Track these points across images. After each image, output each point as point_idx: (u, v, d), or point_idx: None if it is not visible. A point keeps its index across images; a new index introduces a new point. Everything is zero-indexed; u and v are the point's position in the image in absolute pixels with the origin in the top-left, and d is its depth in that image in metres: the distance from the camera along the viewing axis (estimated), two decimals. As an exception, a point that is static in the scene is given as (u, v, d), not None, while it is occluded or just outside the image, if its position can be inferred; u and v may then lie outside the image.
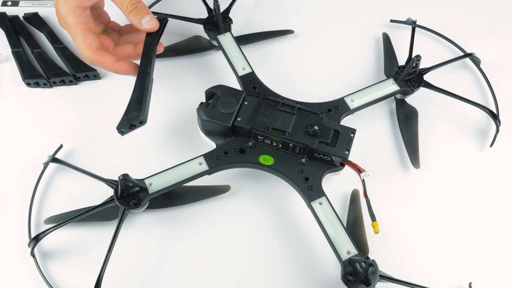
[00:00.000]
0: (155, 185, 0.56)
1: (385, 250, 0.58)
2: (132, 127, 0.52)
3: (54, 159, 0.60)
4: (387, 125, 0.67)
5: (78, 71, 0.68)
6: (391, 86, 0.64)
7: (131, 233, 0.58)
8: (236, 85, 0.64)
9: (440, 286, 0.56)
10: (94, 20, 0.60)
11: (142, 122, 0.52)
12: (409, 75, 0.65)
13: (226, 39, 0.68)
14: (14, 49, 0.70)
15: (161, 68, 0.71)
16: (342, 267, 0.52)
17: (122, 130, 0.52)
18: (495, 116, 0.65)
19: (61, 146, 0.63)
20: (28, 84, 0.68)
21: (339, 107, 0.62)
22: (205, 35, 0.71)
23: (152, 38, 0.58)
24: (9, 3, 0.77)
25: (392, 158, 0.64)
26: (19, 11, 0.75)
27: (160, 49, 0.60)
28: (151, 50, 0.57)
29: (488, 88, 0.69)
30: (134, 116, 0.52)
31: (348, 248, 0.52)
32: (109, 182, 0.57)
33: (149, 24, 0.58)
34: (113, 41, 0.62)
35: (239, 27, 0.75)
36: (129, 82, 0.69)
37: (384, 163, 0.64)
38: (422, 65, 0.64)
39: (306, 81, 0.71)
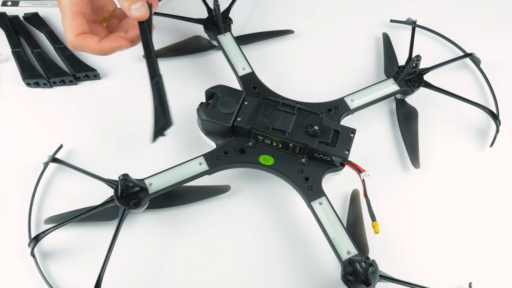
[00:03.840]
0: (155, 185, 0.56)
1: (385, 250, 0.58)
2: (163, 134, 0.54)
3: (54, 159, 0.60)
4: (387, 125, 0.67)
5: (78, 71, 0.68)
6: (391, 86, 0.64)
7: (131, 233, 0.58)
8: (236, 85, 0.64)
9: (440, 286, 0.56)
10: (96, 9, 0.58)
11: (170, 127, 0.54)
12: (409, 75, 0.65)
13: (226, 39, 0.68)
14: (14, 49, 0.70)
15: (161, 68, 0.70)
16: (342, 267, 0.52)
17: (156, 137, 0.54)
18: (495, 116, 0.65)
19: (61, 146, 0.63)
20: (28, 84, 0.68)
21: (339, 107, 0.62)
22: (205, 35, 0.71)
23: (147, 31, 0.55)
24: (9, 3, 0.77)
25: (392, 158, 0.64)
26: (19, 11, 0.75)
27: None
28: (151, 47, 0.55)
29: (488, 88, 0.69)
30: (163, 124, 0.53)
31: (348, 248, 0.52)
32: (109, 182, 0.56)
33: (139, 11, 0.53)
34: (111, 28, 0.59)
35: (239, 27, 0.75)
36: (129, 82, 0.70)
37: (384, 163, 0.64)
38: (422, 65, 0.64)
39: (306, 81, 0.71)
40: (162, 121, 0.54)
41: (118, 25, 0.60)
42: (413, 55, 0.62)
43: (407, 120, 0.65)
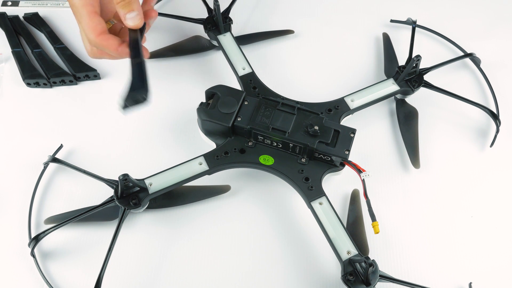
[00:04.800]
0: (155, 185, 0.56)
1: (385, 250, 0.58)
2: (137, 102, 0.50)
3: (54, 159, 0.60)
4: (387, 125, 0.67)
5: (78, 71, 0.68)
6: (391, 86, 0.64)
7: (131, 233, 0.58)
8: (236, 85, 0.64)
9: (440, 286, 0.56)
10: (101, 9, 0.58)
11: (146, 99, 0.50)
12: (409, 75, 0.65)
13: (226, 39, 0.68)
14: (14, 49, 0.70)
15: (161, 68, 0.71)
16: (342, 267, 0.52)
17: (126, 104, 0.50)
18: (495, 116, 0.65)
19: (61, 146, 0.63)
20: (28, 84, 0.68)
21: (339, 107, 0.62)
22: (205, 35, 0.71)
23: (137, 35, 0.55)
24: (9, 3, 0.77)
25: (392, 158, 0.64)
26: (19, 11, 0.75)
27: (146, 55, 0.57)
28: (139, 45, 0.54)
29: (488, 88, 0.69)
30: (139, 88, 0.50)
31: (348, 248, 0.52)
32: (109, 182, 0.56)
33: (133, 21, 0.55)
34: (114, 32, 0.60)
35: (239, 27, 0.75)
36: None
37: (384, 163, 0.64)
38: (422, 65, 0.64)
39: (306, 81, 0.71)
40: (139, 86, 0.50)
41: (122, 30, 0.60)
42: (413, 55, 0.63)
43: (407, 120, 0.65)
